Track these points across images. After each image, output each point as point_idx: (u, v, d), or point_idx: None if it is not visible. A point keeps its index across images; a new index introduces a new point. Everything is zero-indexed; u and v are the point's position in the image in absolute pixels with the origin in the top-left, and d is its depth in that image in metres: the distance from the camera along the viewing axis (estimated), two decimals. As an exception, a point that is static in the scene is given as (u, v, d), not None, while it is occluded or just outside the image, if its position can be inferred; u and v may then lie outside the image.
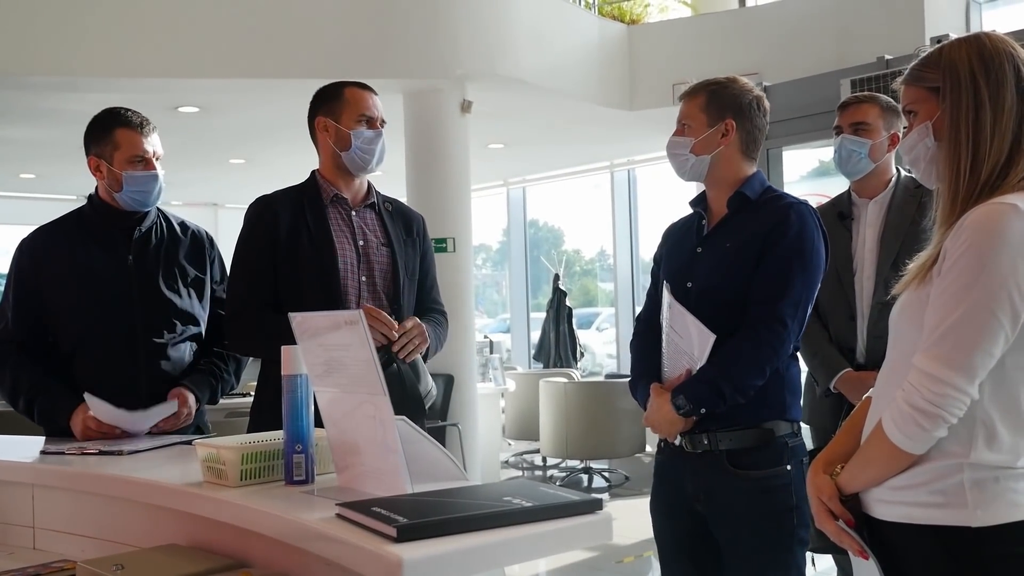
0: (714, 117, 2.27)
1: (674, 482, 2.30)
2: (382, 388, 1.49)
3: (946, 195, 1.55)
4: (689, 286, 2.26)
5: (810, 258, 2.19)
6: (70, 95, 6.46)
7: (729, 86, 2.29)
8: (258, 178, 10.48)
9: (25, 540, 2.07)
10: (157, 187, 2.55)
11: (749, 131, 2.29)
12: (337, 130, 2.48)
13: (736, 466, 2.18)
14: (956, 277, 1.45)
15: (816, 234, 2.22)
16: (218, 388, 2.63)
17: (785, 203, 2.25)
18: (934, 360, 1.45)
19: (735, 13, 7.93)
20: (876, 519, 1.56)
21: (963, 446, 1.47)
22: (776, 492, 2.16)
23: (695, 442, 2.21)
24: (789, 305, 2.15)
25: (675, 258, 2.37)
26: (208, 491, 1.67)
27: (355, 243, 2.49)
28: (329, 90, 2.55)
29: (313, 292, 2.39)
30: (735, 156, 2.29)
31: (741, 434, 2.17)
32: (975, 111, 1.52)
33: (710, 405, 2.14)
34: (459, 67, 6.55)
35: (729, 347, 2.13)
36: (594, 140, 9.30)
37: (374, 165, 2.50)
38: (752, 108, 2.29)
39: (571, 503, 1.39)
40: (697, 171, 2.31)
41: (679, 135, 2.32)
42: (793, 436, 2.21)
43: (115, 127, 2.52)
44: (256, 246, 2.48)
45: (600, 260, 13.39)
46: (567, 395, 7.20)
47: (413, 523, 1.28)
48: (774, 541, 2.17)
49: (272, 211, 2.48)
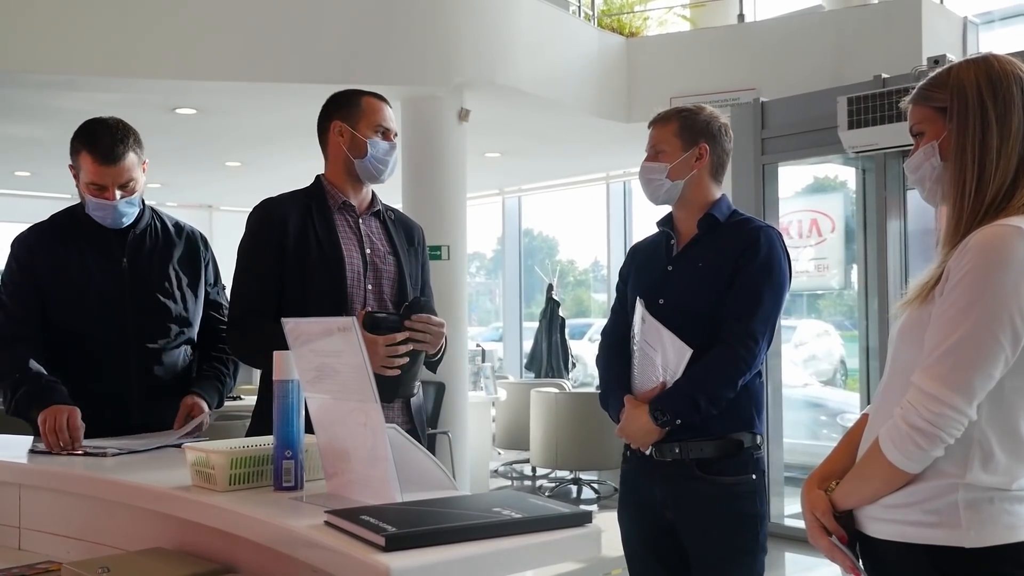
0: (688, 142, 2.37)
1: (642, 490, 2.39)
2: (373, 396, 1.48)
3: (951, 215, 1.55)
4: (661, 302, 2.35)
5: (778, 278, 2.32)
6: (67, 94, 6.44)
7: (700, 113, 2.40)
8: (254, 182, 10.48)
9: (10, 540, 2.06)
10: (117, 215, 2.49)
11: (719, 156, 2.41)
12: (353, 136, 2.43)
13: (705, 472, 2.28)
14: (958, 297, 1.45)
15: (783, 256, 2.34)
16: (224, 393, 2.62)
17: (755, 226, 2.37)
18: (933, 379, 1.45)
19: (733, 28, 7.96)
20: (869, 536, 1.56)
21: (959, 466, 1.47)
22: (743, 498, 2.29)
23: (664, 451, 2.31)
24: (760, 322, 2.27)
25: (645, 275, 2.46)
26: (196, 495, 1.66)
27: (362, 251, 2.44)
28: (346, 96, 2.50)
29: (319, 299, 2.35)
30: (705, 180, 2.40)
31: (711, 444, 2.28)
32: (982, 132, 1.53)
33: (687, 417, 2.25)
34: (457, 75, 6.55)
35: (705, 362, 2.25)
36: (590, 151, 9.32)
37: (386, 176, 2.48)
38: (722, 133, 2.41)
39: (560, 515, 1.39)
40: (671, 195, 2.41)
41: (652, 160, 2.41)
42: (756, 448, 2.33)
43: (81, 149, 2.47)
44: (263, 250, 2.39)
45: (594, 271, 13.41)
46: (558, 405, 7.19)
47: (402, 532, 1.27)
48: (740, 546, 2.29)
49: (280, 215, 2.41)
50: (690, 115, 2.39)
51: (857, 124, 5.06)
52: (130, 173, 2.48)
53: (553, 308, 9.96)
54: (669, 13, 9.10)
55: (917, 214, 5.36)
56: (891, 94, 4.95)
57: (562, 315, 10.02)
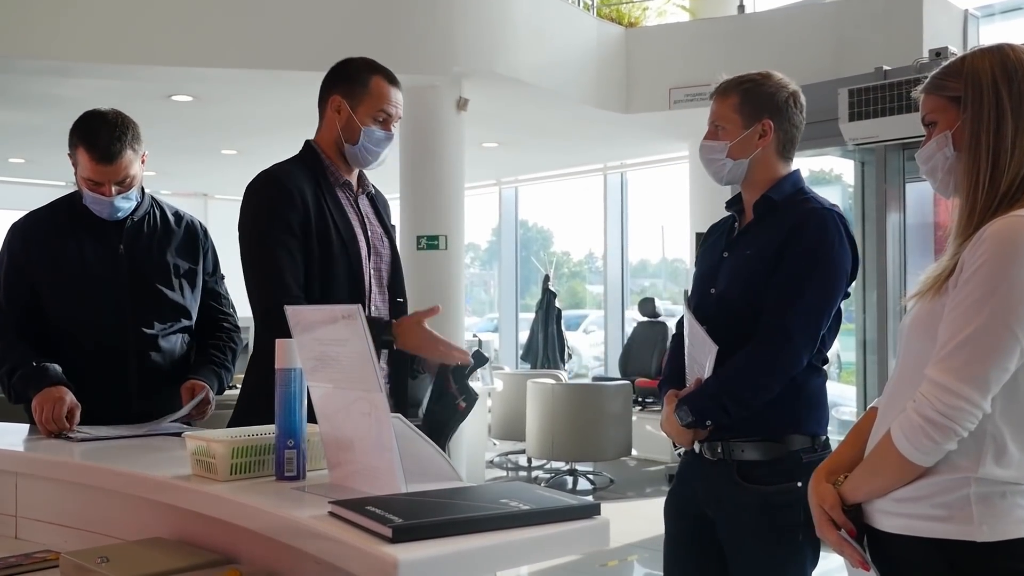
0: (750, 118, 2.16)
1: (689, 485, 2.27)
2: (378, 384, 1.46)
3: (964, 206, 1.53)
4: (712, 292, 2.20)
5: (827, 267, 2.08)
6: (63, 80, 6.40)
7: (764, 83, 2.18)
8: (249, 170, 10.43)
9: (7, 529, 2.03)
10: (113, 210, 2.47)
11: (787, 131, 2.19)
12: (350, 119, 2.31)
13: (746, 479, 2.12)
14: (973, 289, 1.43)
15: (837, 240, 2.10)
16: (224, 379, 2.60)
17: (807, 208, 2.14)
18: (947, 372, 1.43)
19: (733, 19, 7.93)
20: (878, 530, 1.54)
21: (972, 460, 1.46)
22: (783, 509, 2.08)
23: (712, 450, 2.17)
24: (798, 316, 2.06)
25: (705, 261, 2.30)
26: (196, 484, 1.64)
27: (365, 232, 2.34)
28: (356, 69, 2.36)
29: (338, 282, 2.23)
30: (772, 158, 2.19)
31: (755, 446, 2.11)
32: (997, 122, 1.51)
33: (714, 417, 2.11)
34: (456, 64, 6.52)
35: (732, 361, 2.08)
36: (588, 142, 9.30)
37: (374, 166, 2.38)
38: (789, 106, 2.18)
39: (569, 507, 1.37)
40: (735, 175, 2.21)
41: (712, 138, 2.22)
42: (811, 451, 2.12)
43: (79, 144, 2.44)
44: (287, 225, 2.19)
45: (588, 262, 13.40)
46: (554, 396, 7.18)
47: (409, 524, 1.25)
48: (778, 557, 2.12)
49: (297, 188, 2.23)
50: (753, 86, 2.17)
51: (858, 116, 5.04)
52: (127, 171, 2.45)
53: (549, 299, 9.96)
54: (668, 3, 9.07)
55: (916, 207, 5.35)
56: (892, 86, 4.93)
57: (558, 306, 10.01)
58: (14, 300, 2.50)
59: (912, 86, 4.72)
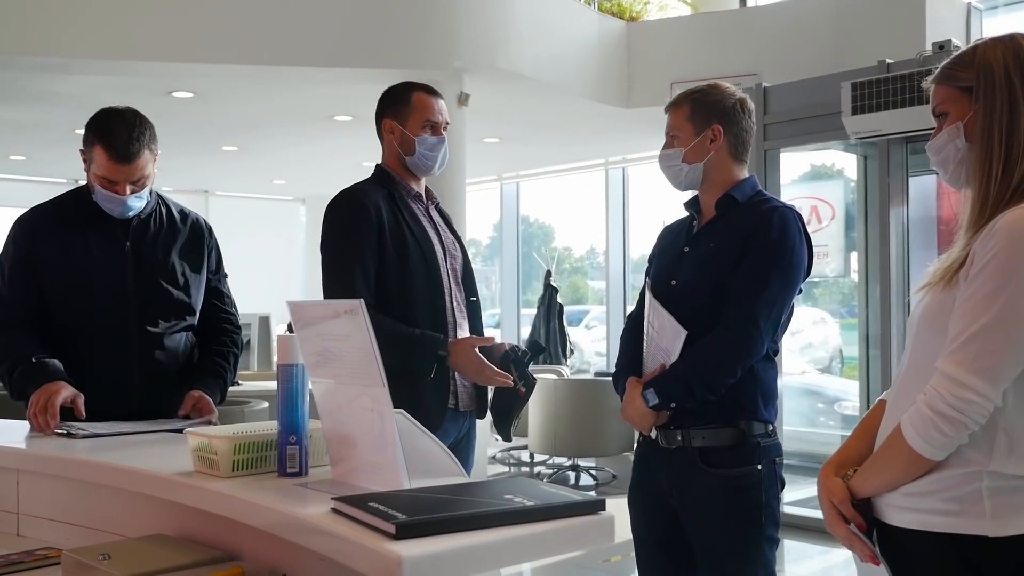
0: (700, 125, 2.33)
1: (650, 476, 2.37)
2: (381, 380, 1.45)
3: (975, 198, 1.52)
4: (673, 283, 2.33)
5: (789, 261, 2.24)
6: (63, 77, 6.37)
7: (711, 92, 2.35)
8: (250, 166, 10.43)
9: (8, 526, 2.03)
10: (126, 208, 2.48)
11: (737, 134, 2.35)
12: (403, 134, 2.58)
13: (708, 464, 2.24)
14: (985, 281, 1.42)
15: (798, 238, 2.26)
16: (225, 389, 2.61)
17: (769, 206, 2.30)
18: (958, 364, 1.42)
19: (735, 13, 7.91)
20: (888, 525, 1.53)
21: (983, 454, 1.44)
22: (747, 490, 2.23)
23: (669, 438, 2.28)
24: (763, 306, 2.21)
25: (664, 257, 2.44)
26: (198, 481, 1.63)
27: (440, 239, 2.60)
28: (396, 92, 2.63)
29: (418, 289, 2.48)
30: (725, 160, 2.35)
31: (714, 432, 2.24)
32: (1009, 112, 1.49)
33: (679, 400, 2.22)
34: (457, 59, 6.50)
35: (701, 345, 2.21)
36: (589, 137, 9.28)
37: (437, 169, 2.61)
38: (736, 111, 2.34)
39: (574, 503, 1.35)
40: (692, 179, 2.37)
41: (669, 148, 2.39)
42: (766, 436, 2.27)
43: (96, 142, 2.44)
44: (363, 242, 2.46)
45: (590, 258, 13.37)
46: (556, 392, 7.18)
47: (413, 520, 1.24)
48: (744, 538, 2.25)
49: (373, 203, 2.49)
50: (701, 96, 2.35)
51: (861, 110, 5.02)
52: (143, 171, 2.47)
53: (551, 294, 9.93)
54: (670, -3, 9.04)
55: (919, 201, 5.33)
56: (895, 79, 4.91)
57: (560, 301, 9.99)
58: (19, 294, 2.49)
59: (915, 79, 4.75)
